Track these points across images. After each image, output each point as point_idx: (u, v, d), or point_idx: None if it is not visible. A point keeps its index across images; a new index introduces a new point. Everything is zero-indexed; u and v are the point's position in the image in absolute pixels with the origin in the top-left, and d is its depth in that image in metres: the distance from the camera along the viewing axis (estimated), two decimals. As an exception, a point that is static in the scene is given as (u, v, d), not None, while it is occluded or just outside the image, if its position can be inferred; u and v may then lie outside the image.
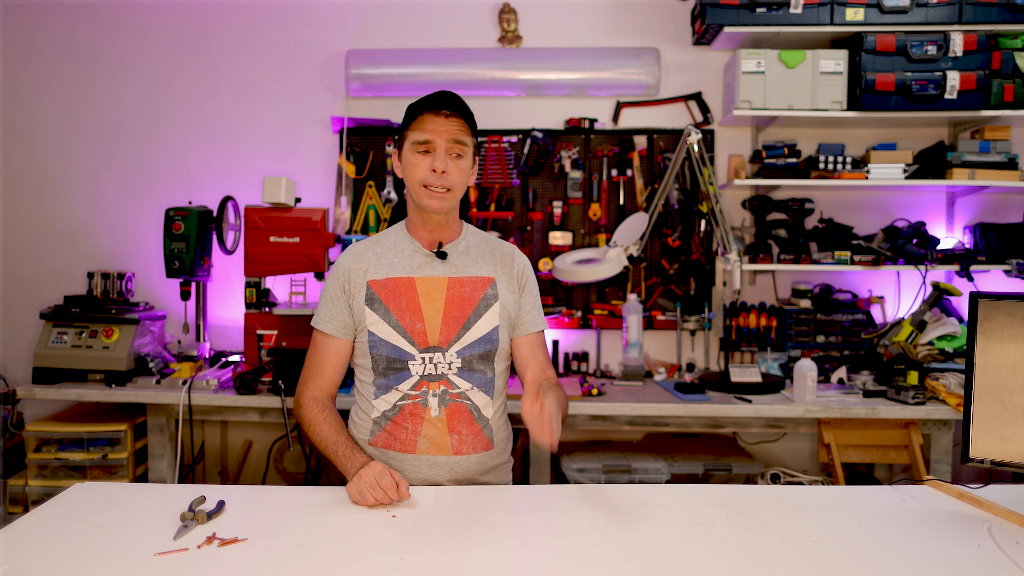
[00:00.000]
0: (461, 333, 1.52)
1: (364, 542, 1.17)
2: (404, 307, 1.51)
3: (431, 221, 1.55)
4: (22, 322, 2.99)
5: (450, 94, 1.50)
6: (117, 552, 1.12)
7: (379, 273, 1.54)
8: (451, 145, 1.49)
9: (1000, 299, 1.35)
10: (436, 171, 1.48)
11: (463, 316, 1.52)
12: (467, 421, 1.52)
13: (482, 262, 1.59)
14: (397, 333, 1.50)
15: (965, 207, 2.96)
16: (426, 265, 1.55)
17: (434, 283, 1.53)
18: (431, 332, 1.51)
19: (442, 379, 1.51)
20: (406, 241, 1.58)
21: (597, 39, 2.99)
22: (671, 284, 2.98)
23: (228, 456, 3.07)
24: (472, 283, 1.55)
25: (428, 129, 1.49)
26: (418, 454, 1.50)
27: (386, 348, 1.50)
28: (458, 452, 1.51)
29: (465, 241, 1.61)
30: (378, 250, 1.57)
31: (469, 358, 1.52)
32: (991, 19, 2.59)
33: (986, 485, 1.43)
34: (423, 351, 1.50)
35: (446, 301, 1.52)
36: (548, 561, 1.11)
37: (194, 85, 3.04)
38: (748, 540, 1.19)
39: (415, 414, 1.50)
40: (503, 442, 1.60)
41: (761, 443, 2.95)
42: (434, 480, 1.51)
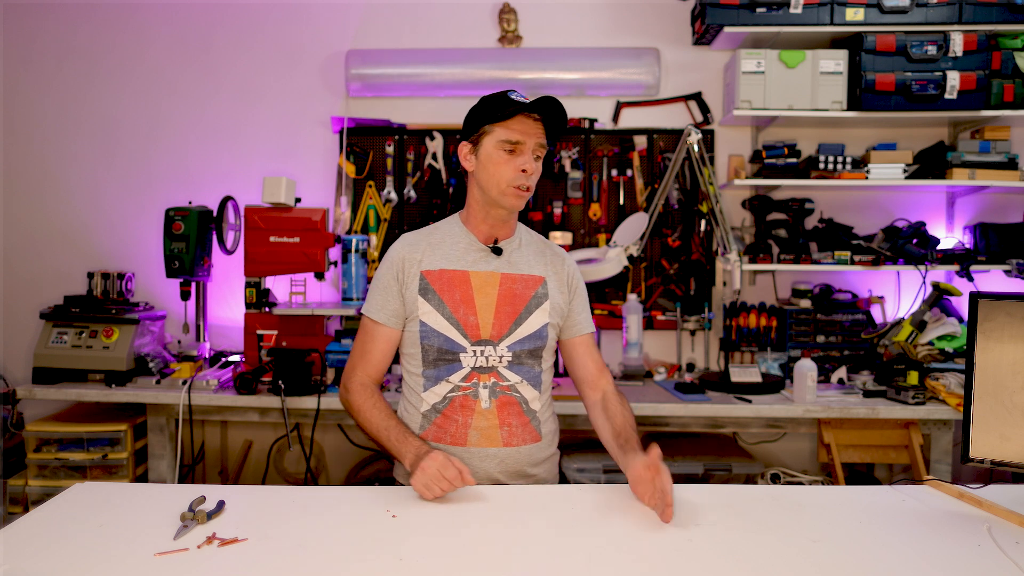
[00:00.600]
0: (513, 328, 1.54)
1: (364, 542, 1.17)
2: (458, 299, 1.53)
3: (496, 218, 1.57)
4: (22, 322, 2.99)
5: (552, 101, 1.50)
6: (117, 552, 1.12)
7: (433, 264, 1.55)
8: (536, 148, 1.52)
9: (1000, 299, 1.35)
10: (527, 172, 1.50)
11: (515, 312, 1.55)
12: (516, 413, 1.54)
13: (534, 261, 1.61)
14: (450, 324, 1.52)
15: (965, 207, 2.96)
16: (480, 260, 1.57)
17: (487, 278, 1.55)
18: (483, 326, 1.53)
19: (492, 371, 1.53)
20: (462, 234, 1.59)
21: (597, 39, 2.99)
22: (671, 284, 2.98)
23: (228, 456, 3.07)
24: (524, 280, 1.57)
25: (519, 130, 1.50)
26: (469, 446, 1.51)
27: (438, 339, 1.52)
28: (508, 444, 1.52)
29: (519, 239, 1.63)
30: (432, 241, 1.59)
31: (519, 352, 1.54)
32: (991, 19, 2.59)
33: (986, 485, 1.43)
34: (475, 344, 1.52)
35: (498, 296, 1.54)
36: (548, 561, 1.11)
37: (194, 85, 3.04)
38: (748, 540, 1.19)
39: (465, 406, 1.52)
40: (550, 435, 1.62)
41: (761, 443, 2.95)
42: (485, 472, 1.52)
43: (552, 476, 1.64)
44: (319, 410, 2.36)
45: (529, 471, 1.56)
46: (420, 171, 2.99)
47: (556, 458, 1.67)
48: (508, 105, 1.49)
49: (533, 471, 1.57)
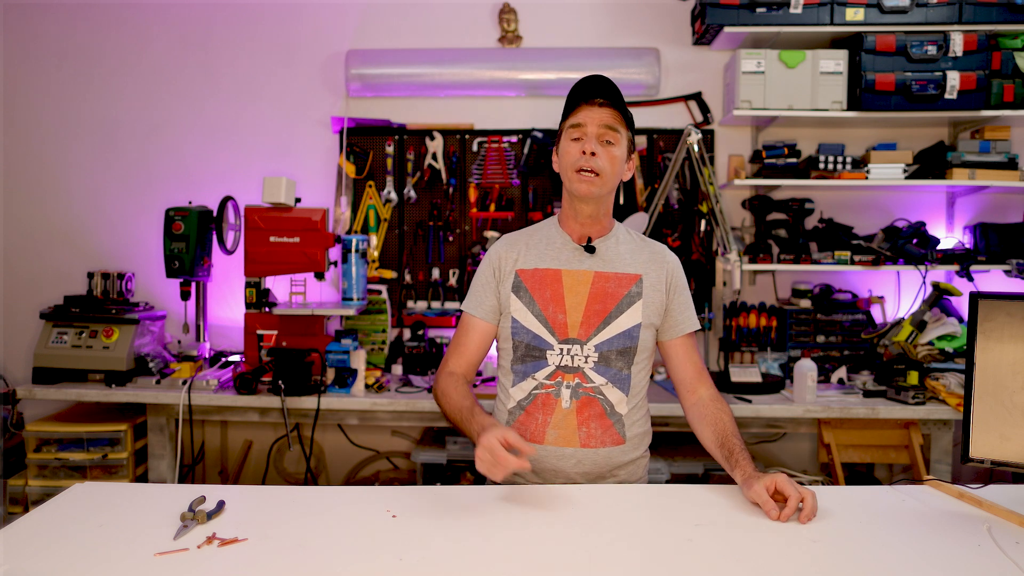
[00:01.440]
0: (601, 327, 1.53)
1: (364, 542, 1.17)
2: (548, 297, 1.54)
3: (582, 214, 1.57)
4: (22, 322, 2.99)
5: (601, 78, 1.52)
6: (117, 552, 1.12)
7: (528, 263, 1.58)
8: (602, 131, 1.51)
9: (1000, 299, 1.35)
10: (585, 152, 1.50)
11: (604, 311, 1.54)
12: (598, 415, 1.53)
13: (631, 259, 1.59)
14: (539, 322, 1.53)
15: (965, 207, 2.96)
16: (574, 258, 1.57)
17: (580, 276, 1.55)
18: (571, 324, 1.53)
19: (578, 372, 1.53)
20: (557, 234, 1.61)
21: (597, 39, 2.99)
22: (671, 284, 2.98)
23: (228, 456, 3.07)
24: (618, 279, 1.56)
25: (581, 116, 1.52)
26: (546, 444, 1.52)
27: (527, 335, 1.54)
28: (586, 445, 1.52)
29: (615, 237, 1.62)
30: (530, 241, 1.61)
31: (607, 353, 1.53)
32: (991, 19, 2.59)
33: (986, 485, 1.43)
34: (562, 342, 1.53)
35: (589, 295, 1.54)
36: (548, 561, 1.11)
37: (194, 85, 3.04)
38: (748, 540, 1.19)
39: (547, 404, 1.53)
40: (637, 438, 1.59)
41: (761, 443, 2.95)
42: (561, 471, 1.53)
43: (637, 478, 1.61)
44: (319, 410, 2.37)
45: (609, 473, 1.56)
46: (420, 171, 2.99)
47: (644, 461, 1.64)
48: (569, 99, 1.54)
49: (614, 473, 1.56)
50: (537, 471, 1.55)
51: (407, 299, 3.02)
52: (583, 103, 1.52)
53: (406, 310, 3.00)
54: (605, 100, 1.52)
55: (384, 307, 2.93)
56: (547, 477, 1.55)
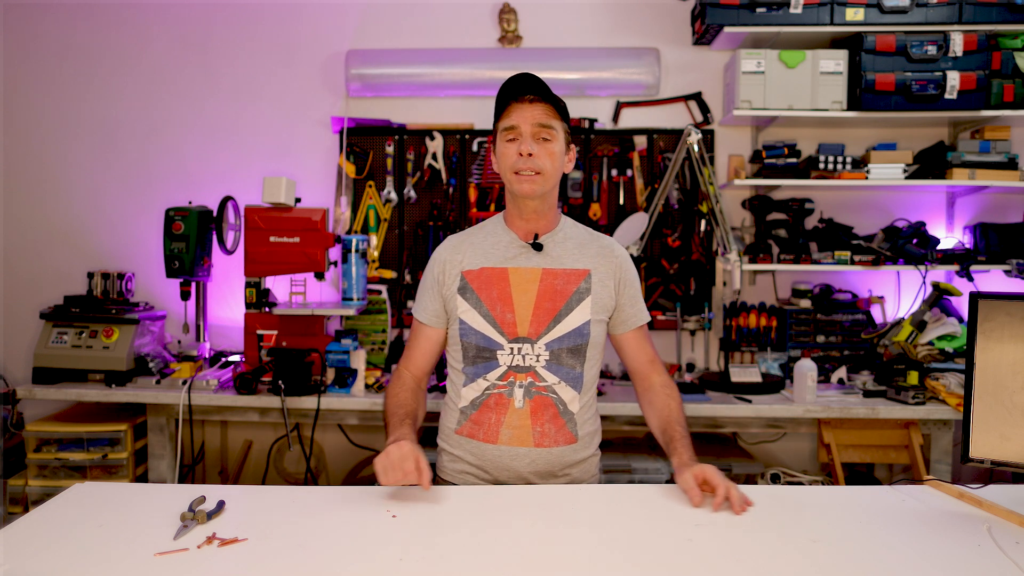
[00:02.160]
0: (551, 325, 1.51)
1: (364, 542, 1.17)
2: (495, 297, 1.52)
3: (526, 210, 1.55)
4: (22, 322, 2.99)
5: (530, 76, 1.51)
6: (117, 552, 1.12)
7: (474, 263, 1.56)
8: (537, 129, 1.50)
9: (1000, 299, 1.35)
10: (523, 154, 1.49)
11: (554, 308, 1.52)
12: (551, 415, 1.52)
13: (579, 254, 1.57)
14: (487, 322, 1.52)
15: (965, 207, 2.96)
16: (520, 256, 1.55)
17: (528, 274, 1.53)
18: (521, 323, 1.51)
19: (529, 371, 1.51)
20: (503, 232, 1.59)
21: (597, 39, 2.99)
22: (671, 284, 2.98)
23: (228, 456, 3.07)
24: (566, 275, 1.54)
25: (513, 116, 1.51)
26: (500, 444, 1.51)
27: (476, 337, 1.52)
28: (540, 444, 1.51)
29: (562, 232, 1.60)
30: (474, 240, 1.59)
31: (558, 351, 1.51)
32: (991, 19, 2.59)
33: (986, 485, 1.43)
34: (512, 341, 1.51)
35: (538, 293, 1.52)
36: (548, 561, 1.11)
37: (194, 85, 3.04)
38: (748, 540, 1.19)
39: (500, 404, 1.52)
40: (588, 436, 1.58)
41: (761, 443, 2.95)
42: (516, 471, 1.52)
43: (589, 476, 1.60)
44: (319, 410, 2.37)
45: (561, 472, 1.55)
46: (420, 171, 2.99)
47: (595, 459, 1.63)
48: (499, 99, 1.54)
49: (566, 472, 1.55)
50: (490, 470, 1.54)
51: (407, 299, 3.02)
52: (513, 102, 1.51)
53: (406, 310, 3.00)
54: (536, 96, 1.50)
55: (384, 307, 2.93)
56: (500, 477, 1.54)
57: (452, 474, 1.59)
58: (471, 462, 1.55)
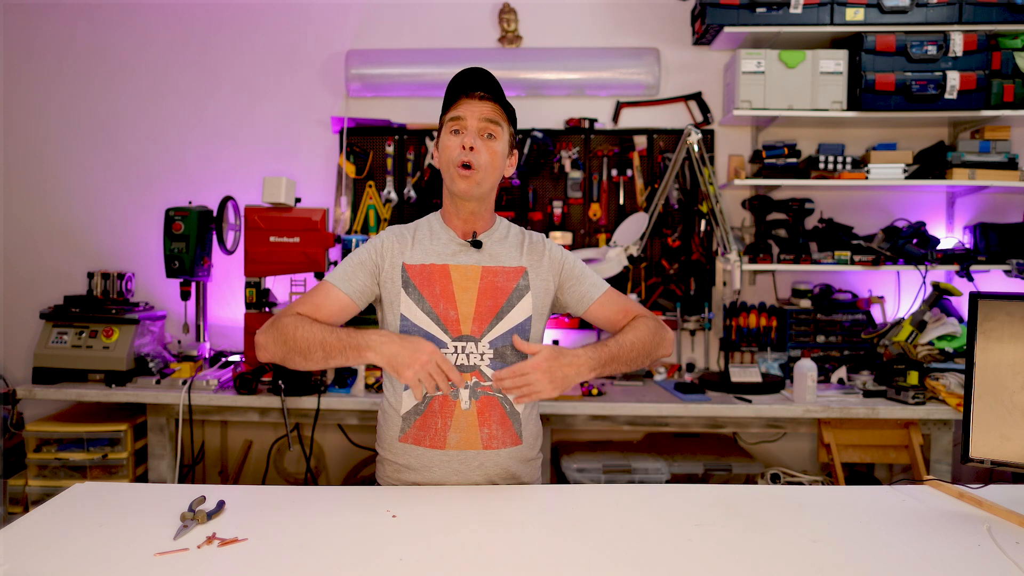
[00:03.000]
0: (494, 323, 1.50)
1: (364, 542, 1.17)
2: (438, 294, 1.49)
3: (464, 210, 1.54)
4: (22, 322, 2.99)
5: (481, 70, 1.49)
6: (117, 552, 1.12)
7: (415, 258, 1.52)
8: (483, 124, 1.48)
9: (1000, 299, 1.35)
10: (464, 147, 1.47)
11: (496, 306, 1.50)
12: (498, 415, 1.49)
13: (515, 252, 1.57)
14: (430, 320, 1.48)
15: (965, 207, 2.96)
16: (460, 253, 1.53)
17: (468, 271, 1.51)
18: (464, 320, 1.48)
19: (474, 370, 1.48)
20: (441, 230, 1.57)
21: (597, 39, 2.99)
22: (671, 284, 2.98)
23: (228, 456, 3.07)
24: (505, 273, 1.53)
25: (461, 109, 1.49)
26: (448, 449, 1.47)
27: (418, 334, 1.47)
28: (488, 447, 1.48)
29: (499, 232, 1.59)
30: (416, 235, 1.56)
31: (502, 349, 1.49)
32: (991, 19, 2.59)
33: (986, 485, 1.43)
34: (456, 339, 1.48)
35: (479, 290, 1.50)
36: (548, 561, 1.11)
37: (194, 85, 3.04)
38: (748, 540, 1.19)
39: (445, 407, 1.47)
40: (532, 437, 1.56)
41: (761, 443, 2.95)
42: (464, 475, 1.48)
43: (533, 478, 1.58)
44: (319, 410, 2.37)
45: (512, 472, 1.52)
46: (420, 171, 2.99)
47: (539, 462, 1.62)
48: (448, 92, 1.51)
49: (515, 471, 1.52)
50: (437, 478, 1.48)
51: (407, 299, 3.02)
52: (463, 96, 1.49)
53: (406, 310, 3.00)
54: (486, 94, 1.48)
55: (384, 307, 2.93)
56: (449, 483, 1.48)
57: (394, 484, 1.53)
58: (416, 469, 1.49)
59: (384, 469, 1.56)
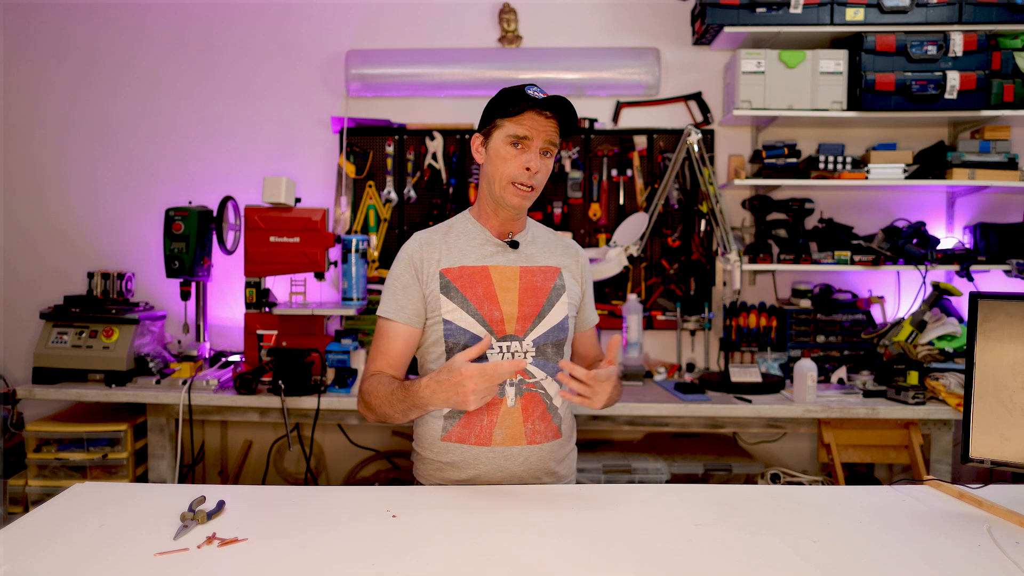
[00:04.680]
0: (536, 321, 1.52)
1: (364, 542, 1.17)
2: (481, 295, 1.50)
3: (505, 215, 1.55)
4: (22, 322, 2.99)
5: (561, 100, 1.46)
6: (117, 552, 1.12)
7: (452, 261, 1.52)
8: (545, 145, 1.50)
9: (1000, 299, 1.35)
10: (530, 170, 1.47)
11: (537, 305, 1.53)
12: (540, 410, 1.51)
13: (549, 252, 1.60)
14: (475, 321, 1.49)
15: (965, 207, 2.96)
16: (497, 254, 1.55)
17: (507, 272, 1.53)
18: (508, 320, 1.50)
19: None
20: (476, 230, 1.57)
21: (597, 39, 2.99)
22: (671, 284, 2.98)
23: (228, 456, 3.07)
24: (542, 272, 1.56)
25: (528, 126, 1.46)
26: (493, 446, 1.49)
27: (464, 336, 1.49)
28: (532, 442, 1.50)
29: (531, 232, 1.62)
30: (448, 239, 1.55)
31: (544, 347, 1.52)
32: (991, 19, 2.59)
33: (986, 485, 1.43)
34: (500, 339, 1.50)
35: (520, 290, 1.52)
36: (548, 561, 1.11)
37: (194, 85, 3.04)
38: (748, 540, 1.19)
39: (491, 405, 1.48)
40: (569, 430, 1.60)
41: (761, 443, 2.95)
42: (509, 471, 1.50)
43: (571, 473, 1.62)
44: (319, 410, 2.37)
45: (552, 468, 1.54)
46: (420, 171, 2.99)
47: (574, 455, 1.65)
48: (521, 100, 1.45)
49: (555, 468, 1.55)
50: (482, 476, 1.50)
51: (407, 299, 3.02)
52: (532, 110, 1.46)
53: (406, 310, 2.99)
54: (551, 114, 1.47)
55: (384, 307, 2.93)
56: (494, 479, 1.50)
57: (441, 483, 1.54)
58: (464, 469, 1.50)
59: (425, 468, 1.56)
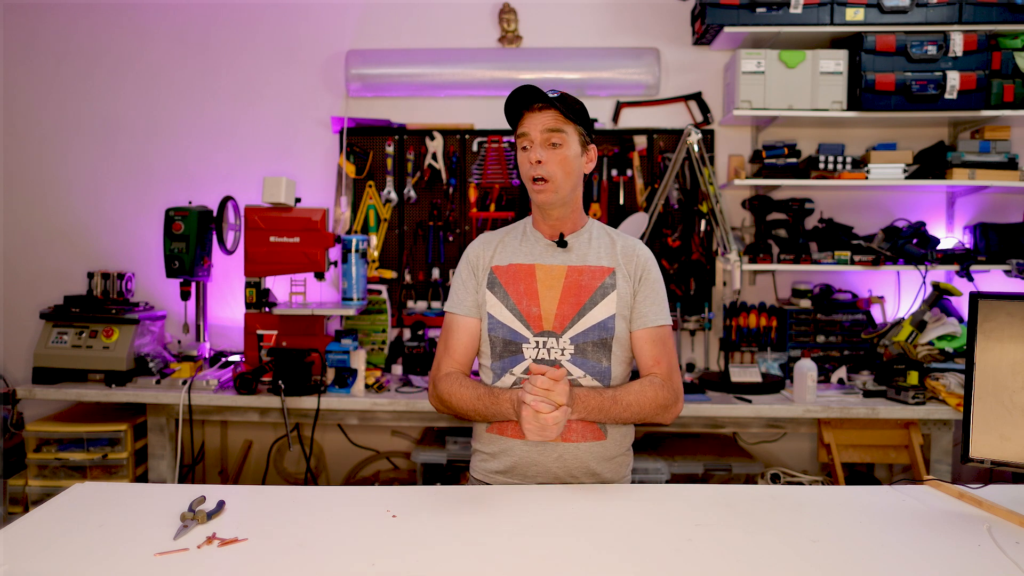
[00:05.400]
0: (576, 319, 1.53)
1: (364, 542, 1.17)
2: (522, 291, 1.54)
3: (550, 216, 1.58)
4: (22, 322, 2.99)
5: (532, 88, 1.51)
6: (117, 552, 1.12)
7: (503, 260, 1.59)
8: (546, 135, 1.51)
9: (1000, 299, 1.35)
10: (532, 162, 1.51)
11: (579, 303, 1.53)
12: None
13: (603, 252, 1.59)
14: (514, 316, 1.54)
15: (965, 207, 2.96)
16: (547, 253, 1.58)
17: (553, 270, 1.56)
18: (546, 317, 1.53)
19: (555, 364, 1.51)
20: (531, 233, 1.62)
21: (597, 39, 2.99)
22: (671, 284, 2.98)
23: (228, 456, 3.07)
24: (591, 272, 1.56)
25: (525, 124, 1.53)
26: (528, 439, 1.47)
27: (503, 330, 1.54)
28: (567, 439, 1.50)
29: (588, 233, 1.62)
30: (505, 239, 1.63)
31: (583, 345, 1.52)
32: (991, 19, 2.59)
33: (986, 485, 1.43)
34: (537, 335, 1.53)
35: (563, 288, 1.54)
36: (548, 561, 1.11)
37: (194, 85, 3.04)
38: (748, 540, 1.19)
39: None
40: (619, 435, 1.56)
41: (761, 443, 2.95)
42: (544, 466, 1.50)
43: (618, 477, 1.57)
44: (319, 410, 2.36)
45: (593, 469, 1.53)
46: (420, 171, 2.99)
47: (627, 459, 1.61)
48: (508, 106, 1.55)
49: (597, 469, 1.53)
50: (519, 469, 1.52)
51: (407, 299, 3.02)
52: (526, 111, 1.54)
53: (406, 310, 3.00)
54: (544, 104, 1.51)
55: (384, 307, 2.93)
56: (529, 473, 1.52)
57: (484, 474, 1.58)
58: (501, 459, 1.54)
59: (475, 460, 1.62)
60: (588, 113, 1.58)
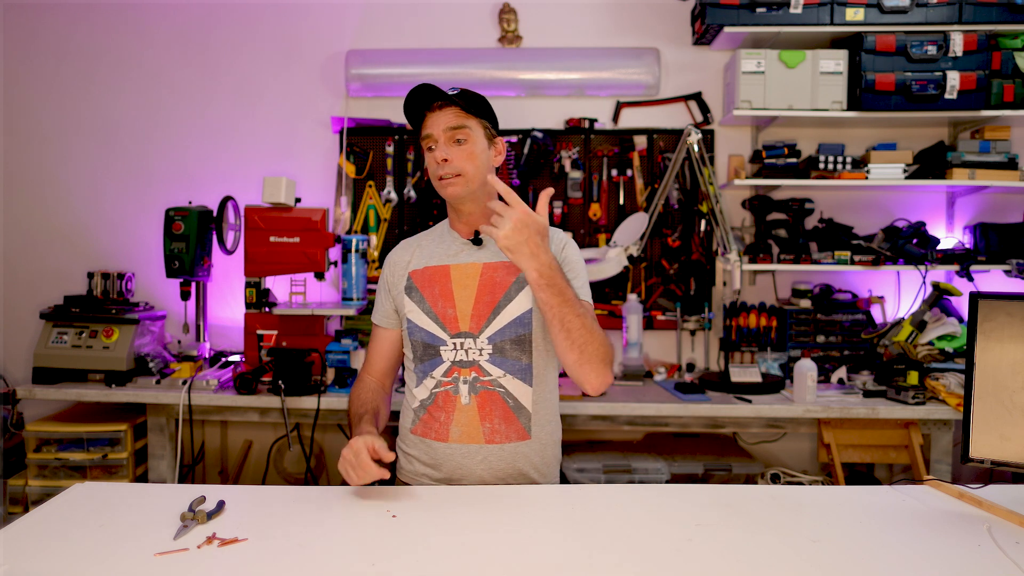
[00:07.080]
0: (491, 318, 1.51)
1: (364, 542, 1.17)
2: (438, 294, 1.54)
3: (462, 213, 1.57)
4: (22, 322, 2.99)
5: (428, 87, 1.50)
6: (117, 552, 1.12)
7: (419, 263, 1.59)
8: (448, 133, 1.50)
9: (1000, 299, 1.35)
10: (438, 161, 1.50)
11: (493, 301, 1.51)
12: (500, 410, 1.50)
13: None
14: (430, 319, 1.53)
15: (965, 207, 2.96)
16: (462, 253, 1.56)
17: (468, 269, 1.54)
18: (462, 318, 1.51)
19: (473, 365, 1.50)
20: (447, 234, 1.62)
21: (597, 39, 2.99)
22: (671, 284, 2.98)
23: (228, 456, 3.07)
24: (506, 267, 1.53)
25: (427, 126, 1.53)
26: (451, 442, 1.50)
27: (421, 334, 1.54)
28: (491, 441, 1.49)
29: None
30: (423, 243, 1.63)
31: (501, 344, 1.50)
32: (991, 19, 2.59)
33: (986, 485, 1.43)
34: (454, 336, 1.51)
35: (478, 287, 1.52)
36: (548, 561, 1.11)
37: (194, 85, 3.04)
38: (748, 540, 1.19)
39: (447, 401, 1.51)
40: (545, 435, 1.54)
41: (761, 443, 2.95)
42: (470, 469, 1.50)
43: (548, 479, 1.57)
44: (319, 410, 2.37)
45: (521, 470, 1.51)
46: (420, 171, 2.99)
47: (555, 463, 1.61)
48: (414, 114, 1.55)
49: (525, 471, 1.52)
50: (443, 469, 1.51)
51: (407, 299, 3.02)
52: (427, 112, 1.53)
53: (406, 310, 2.99)
54: (443, 102, 1.50)
55: (384, 307, 2.93)
56: (454, 477, 1.51)
57: (409, 475, 1.57)
58: (425, 462, 1.54)
59: (399, 460, 1.61)
60: (491, 107, 1.56)
